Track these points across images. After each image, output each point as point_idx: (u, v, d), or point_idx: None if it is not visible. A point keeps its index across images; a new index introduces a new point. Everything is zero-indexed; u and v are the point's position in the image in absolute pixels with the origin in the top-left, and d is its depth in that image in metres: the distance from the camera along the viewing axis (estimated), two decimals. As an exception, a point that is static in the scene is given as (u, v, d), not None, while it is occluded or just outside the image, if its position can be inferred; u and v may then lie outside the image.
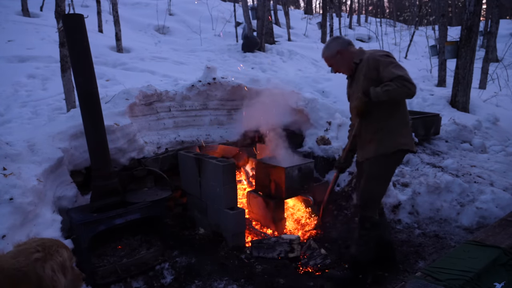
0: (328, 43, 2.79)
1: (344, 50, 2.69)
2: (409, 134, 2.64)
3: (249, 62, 11.68)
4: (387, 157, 2.57)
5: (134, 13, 17.00)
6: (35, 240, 1.49)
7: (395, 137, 2.55)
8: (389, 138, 2.55)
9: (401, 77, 2.34)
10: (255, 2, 17.40)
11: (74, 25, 2.76)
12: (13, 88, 5.98)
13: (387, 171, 2.65)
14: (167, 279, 2.93)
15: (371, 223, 2.66)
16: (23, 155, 2.82)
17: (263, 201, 3.76)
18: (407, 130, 2.63)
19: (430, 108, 7.21)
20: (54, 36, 8.74)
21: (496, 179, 4.33)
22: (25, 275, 1.33)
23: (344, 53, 2.69)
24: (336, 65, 2.76)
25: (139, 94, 3.93)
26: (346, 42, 2.73)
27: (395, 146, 2.55)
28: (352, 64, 2.67)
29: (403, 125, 2.60)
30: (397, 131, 2.57)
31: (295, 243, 3.29)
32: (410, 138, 2.63)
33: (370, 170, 2.65)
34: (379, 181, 2.65)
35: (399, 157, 2.65)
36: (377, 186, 2.66)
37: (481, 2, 7.28)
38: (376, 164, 2.61)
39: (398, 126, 2.58)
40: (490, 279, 2.21)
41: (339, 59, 2.71)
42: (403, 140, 2.57)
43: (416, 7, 23.16)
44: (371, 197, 2.67)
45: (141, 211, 3.05)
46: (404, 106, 2.64)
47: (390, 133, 2.56)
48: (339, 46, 2.70)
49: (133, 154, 3.68)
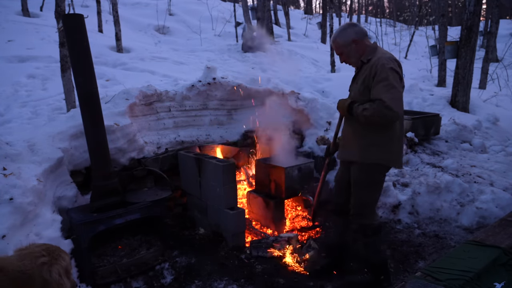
0: (343, 28, 2.51)
1: (360, 41, 2.47)
2: (396, 150, 2.49)
3: (249, 62, 11.68)
4: (371, 166, 2.47)
5: (134, 13, 16.99)
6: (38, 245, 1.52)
7: (379, 151, 2.44)
8: (372, 149, 2.45)
9: (382, 102, 2.20)
10: (255, 2, 17.39)
11: (74, 25, 2.76)
12: (13, 88, 5.98)
13: (375, 178, 2.54)
14: (167, 279, 2.93)
15: (372, 230, 2.58)
16: (23, 155, 2.82)
17: (263, 201, 3.76)
18: (396, 146, 2.49)
19: (430, 108, 7.21)
20: (54, 36, 8.74)
21: (496, 179, 4.33)
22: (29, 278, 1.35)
23: (359, 44, 2.48)
24: (346, 55, 2.54)
25: (139, 94, 3.93)
26: (364, 32, 2.50)
27: (371, 159, 2.45)
28: (360, 59, 2.50)
29: (391, 141, 2.46)
30: (382, 146, 2.44)
31: (294, 240, 3.30)
32: (396, 155, 2.50)
33: (359, 178, 2.55)
34: (370, 188, 2.55)
35: (380, 169, 2.53)
36: (369, 193, 2.57)
37: (481, 2, 7.28)
38: (364, 172, 2.51)
39: (385, 141, 2.45)
40: (490, 279, 2.21)
41: (352, 49, 2.49)
42: (387, 156, 2.46)
43: (416, 7, 23.17)
44: (366, 205, 2.58)
45: (141, 211, 3.05)
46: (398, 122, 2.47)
47: (375, 145, 2.45)
48: (355, 35, 2.46)
49: (133, 154, 3.68)
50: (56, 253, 1.51)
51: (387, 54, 2.42)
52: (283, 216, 3.82)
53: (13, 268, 1.36)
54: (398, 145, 2.53)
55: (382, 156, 2.46)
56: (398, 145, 2.53)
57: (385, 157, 2.47)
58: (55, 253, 1.50)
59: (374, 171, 2.50)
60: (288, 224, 3.90)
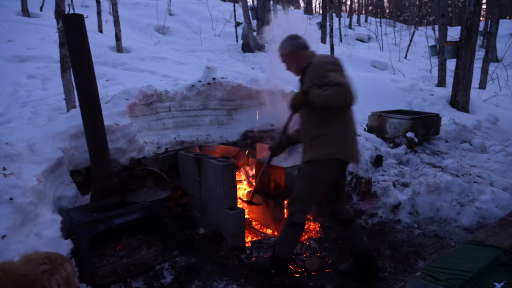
0: (284, 40, 2.80)
1: (296, 53, 2.73)
2: (348, 144, 2.59)
3: (249, 62, 11.68)
4: (319, 162, 2.57)
5: (134, 13, 17.00)
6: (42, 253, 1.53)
7: (330, 146, 2.54)
8: (324, 146, 2.55)
9: (341, 85, 2.32)
10: (255, 2, 17.39)
11: (74, 25, 2.76)
12: (13, 88, 5.98)
13: (316, 174, 2.60)
14: (167, 279, 2.93)
15: (291, 220, 2.68)
16: (23, 155, 2.82)
17: (263, 201, 3.76)
18: (347, 140, 2.59)
19: (430, 108, 7.22)
20: (54, 36, 8.74)
21: (496, 179, 4.34)
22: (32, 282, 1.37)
23: (296, 56, 2.73)
24: (287, 64, 2.82)
25: (139, 94, 3.94)
26: (301, 45, 2.75)
27: (328, 154, 2.54)
28: (301, 67, 2.70)
29: (341, 135, 2.57)
30: (333, 140, 2.55)
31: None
32: (349, 148, 2.59)
33: (302, 169, 2.72)
34: (306, 181, 2.65)
35: (333, 165, 2.59)
36: (304, 185, 2.65)
37: (481, 2, 7.29)
38: (307, 165, 2.64)
39: (336, 135, 2.56)
40: (490, 279, 2.21)
41: (290, 60, 2.77)
42: (338, 149, 2.55)
43: (416, 7, 23.17)
44: (298, 195, 2.67)
45: (141, 211, 3.05)
46: (346, 115, 2.59)
47: (326, 141, 2.56)
48: (292, 47, 2.74)
49: (133, 154, 3.68)
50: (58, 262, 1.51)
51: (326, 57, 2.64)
52: (283, 216, 3.82)
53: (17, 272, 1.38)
54: (352, 139, 2.63)
55: (334, 149, 2.55)
56: (352, 139, 2.63)
57: (337, 149, 2.55)
58: (57, 262, 1.50)
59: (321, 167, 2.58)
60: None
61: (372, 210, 3.94)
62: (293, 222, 2.69)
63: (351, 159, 2.65)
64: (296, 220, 2.69)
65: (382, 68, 14.31)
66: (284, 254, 2.77)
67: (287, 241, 2.75)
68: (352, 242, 2.89)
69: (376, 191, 4.02)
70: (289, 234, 2.73)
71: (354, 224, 2.89)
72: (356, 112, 2.94)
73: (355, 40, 22.37)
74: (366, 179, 4.06)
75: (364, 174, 4.25)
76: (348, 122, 2.62)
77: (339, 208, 2.86)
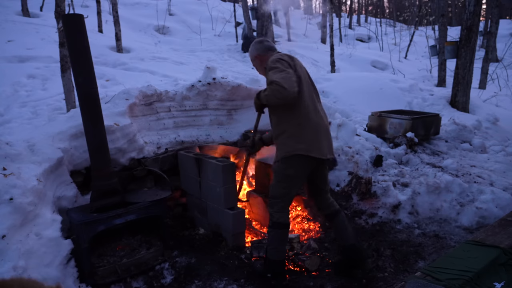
0: (251, 45, 2.93)
1: (262, 56, 2.84)
2: (310, 138, 2.59)
3: (249, 62, 11.68)
4: (285, 159, 2.63)
5: (134, 13, 17.01)
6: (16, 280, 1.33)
7: (291, 143, 2.59)
8: (285, 143, 2.62)
9: (274, 82, 2.41)
10: (255, 2, 17.40)
11: (74, 25, 2.76)
12: (13, 88, 5.98)
13: (283, 170, 2.66)
14: (167, 279, 2.93)
15: (272, 222, 2.72)
16: (23, 155, 2.82)
17: (263, 201, 3.76)
18: (308, 134, 2.59)
19: (430, 108, 7.22)
20: (54, 36, 8.75)
21: (496, 179, 4.34)
22: None
23: (262, 59, 2.84)
24: (256, 68, 2.96)
25: (139, 94, 3.93)
26: (266, 47, 2.84)
27: (290, 151, 2.59)
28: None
29: (301, 129, 2.59)
30: (293, 136, 2.60)
31: (295, 241, 3.30)
32: (310, 143, 2.58)
33: (275, 169, 2.75)
34: (276, 179, 2.71)
35: (300, 161, 2.61)
36: (276, 185, 2.72)
37: (481, 2, 7.29)
38: (277, 163, 2.71)
39: (295, 130, 2.59)
40: (490, 279, 2.21)
41: (258, 63, 2.89)
42: (300, 145, 2.57)
43: (416, 7, 23.18)
44: (271, 194, 2.74)
45: (141, 211, 3.05)
46: (303, 109, 2.59)
47: (287, 138, 2.62)
48: (257, 51, 2.86)
49: (133, 154, 3.68)
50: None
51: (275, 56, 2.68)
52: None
53: None
54: (313, 133, 2.63)
55: (295, 146, 2.59)
56: (313, 133, 2.63)
57: (298, 146, 2.58)
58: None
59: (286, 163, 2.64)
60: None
61: (372, 210, 3.94)
62: (274, 223, 2.72)
63: (315, 154, 2.61)
64: (276, 221, 2.71)
65: (382, 68, 14.32)
66: (275, 257, 2.77)
67: (274, 243, 2.76)
68: (338, 236, 2.96)
69: (376, 191, 4.02)
70: (274, 235, 2.75)
71: (338, 218, 2.91)
72: (356, 112, 2.96)
73: (355, 40, 22.39)
74: (366, 179, 4.07)
75: (364, 174, 4.25)
76: (307, 116, 2.62)
77: (322, 203, 2.93)
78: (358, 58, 14.68)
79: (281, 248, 2.79)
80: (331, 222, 2.96)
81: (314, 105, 2.70)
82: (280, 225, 2.72)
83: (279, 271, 2.81)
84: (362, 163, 4.38)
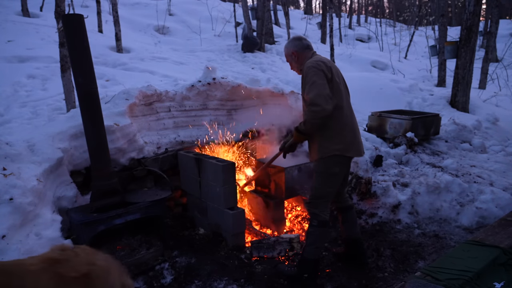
0: (288, 41, 2.98)
1: (299, 53, 2.87)
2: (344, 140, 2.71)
3: (249, 62, 11.69)
4: (324, 159, 2.72)
5: (134, 13, 17.00)
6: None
7: (328, 144, 2.70)
8: (323, 144, 2.71)
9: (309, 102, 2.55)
10: (255, 2, 17.39)
11: (74, 25, 2.76)
12: (13, 88, 5.98)
13: (328, 170, 2.74)
14: (167, 279, 2.93)
15: (318, 221, 2.78)
16: (23, 155, 2.82)
17: (263, 201, 3.76)
18: (343, 136, 2.71)
19: (430, 108, 7.22)
20: (54, 36, 8.75)
21: (496, 179, 4.34)
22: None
23: (298, 56, 2.88)
24: (290, 63, 2.99)
25: (139, 94, 3.93)
26: (304, 45, 2.89)
27: (328, 152, 2.70)
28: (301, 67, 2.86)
29: (337, 132, 2.70)
30: (330, 138, 2.70)
31: (295, 241, 3.30)
32: (345, 144, 2.71)
33: (314, 168, 2.84)
34: (322, 179, 2.77)
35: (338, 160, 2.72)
36: (321, 184, 2.78)
37: (481, 2, 7.29)
38: (317, 164, 2.79)
39: (332, 134, 2.70)
40: (490, 278, 2.21)
41: (293, 60, 2.92)
42: (336, 146, 2.69)
43: (416, 7, 23.18)
44: (317, 195, 2.79)
45: (141, 211, 3.05)
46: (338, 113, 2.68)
47: (325, 140, 2.71)
48: (295, 48, 2.88)
49: (133, 154, 3.68)
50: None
51: (316, 58, 2.74)
52: (283, 217, 3.82)
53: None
54: (350, 134, 2.75)
55: (332, 147, 2.69)
56: (350, 135, 2.75)
57: (335, 147, 2.69)
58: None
59: (329, 163, 2.72)
60: (288, 225, 3.90)
61: (372, 210, 3.94)
62: (320, 222, 2.79)
63: (352, 153, 2.77)
64: (322, 220, 2.79)
65: (382, 68, 14.32)
66: (314, 256, 2.83)
67: (317, 242, 2.82)
68: (346, 229, 3.07)
69: (376, 191, 4.02)
70: (318, 234, 2.81)
71: (350, 212, 3.09)
72: (356, 112, 2.98)
73: (355, 40, 22.39)
74: (366, 179, 4.07)
75: (364, 174, 4.25)
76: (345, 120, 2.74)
77: (341, 196, 3.06)
78: (358, 58, 14.68)
79: (321, 246, 2.89)
80: (344, 215, 3.07)
81: (349, 108, 2.84)
82: (324, 223, 2.80)
83: (316, 270, 2.87)
84: (362, 163, 4.38)
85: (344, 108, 2.73)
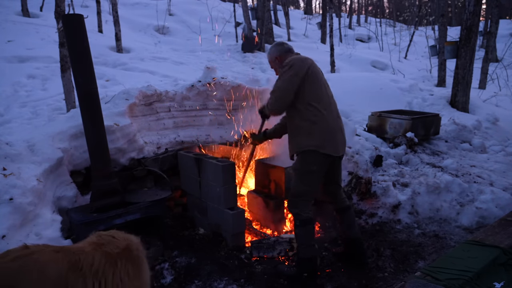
0: (271, 47, 3.04)
1: (282, 57, 2.92)
2: (320, 137, 2.68)
3: (249, 62, 11.70)
4: (300, 155, 2.75)
5: (134, 13, 17.01)
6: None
7: (303, 140, 2.71)
8: (298, 140, 2.74)
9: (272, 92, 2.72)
10: (255, 2, 17.39)
11: (74, 25, 2.76)
12: (13, 88, 5.99)
13: (304, 167, 2.74)
14: (167, 279, 2.93)
15: (300, 220, 2.77)
16: (23, 155, 2.82)
17: (263, 201, 3.76)
18: (319, 132, 2.68)
19: (430, 108, 7.22)
20: (54, 36, 8.75)
21: (496, 179, 4.34)
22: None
23: (281, 60, 2.91)
24: (274, 68, 3.04)
25: (139, 94, 3.93)
26: (286, 49, 2.95)
27: (302, 147, 2.71)
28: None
29: (312, 129, 2.68)
30: (305, 135, 2.70)
31: (295, 241, 3.29)
32: (320, 141, 2.67)
33: (292, 166, 2.86)
34: (299, 176, 2.78)
35: (314, 156, 2.70)
36: (298, 181, 2.78)
37: (481, 2, 7.29)
38: (295, 162, 2.82)
39: (306, 126, 2.69)
40: (490, 278, 2.21)
41: (276, 65, 2.97)
42: (311, 142, 2.67)
43: (416, 7, 23.18)
44: (294, 193, 2.79)
45: (141, 211, 3.05)
46: (314, 110, 2.68)
47: (300, 136, 2.73)
48: (278, 52, 2.95)
49: (133, 154, 3.68)
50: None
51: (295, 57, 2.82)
52: (283, 217, 3.82)
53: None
54: (328, 131, 2.72)
55: (306, 142, 2.69)
56: (328, 132, 2.72)
57: (310, 142, 2.68)
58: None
59: (305, 160, 2.73)
60: (288, 225, 3.90)
61: (372, 210, 3.94)
62: (302, 221, 2.78)
63: (328, 151, 2.71)
64: (303, 218, 2.78)
65: (382, 68, 14.32)
66: (308, 254, 2.83)
67: (306, 241, 2.82)
68: (345, 229, 3.07)
69: (376, 191, 4.02)
70: (303, 233, 2.81)
71: (348, 212, 3.07)
72: (356, 112, 2.98)
73: (355, 40, 22.40)
74: (366, 179, 4.07)
75: (364, 174, 4.25)
76: (322, 115, 2.72)
77: (337, 197, 3.05)
78: (358, 58, 14.69)
79: (312, 244, 2.86)
80: (342, 215, 3.07)
81: (329, 105, 2.81)
82: (307, 221, 2.79)
83: (314, 268, 2.87)
84: (362, 163, 4.38)
85: (321, 105, 2.73)
